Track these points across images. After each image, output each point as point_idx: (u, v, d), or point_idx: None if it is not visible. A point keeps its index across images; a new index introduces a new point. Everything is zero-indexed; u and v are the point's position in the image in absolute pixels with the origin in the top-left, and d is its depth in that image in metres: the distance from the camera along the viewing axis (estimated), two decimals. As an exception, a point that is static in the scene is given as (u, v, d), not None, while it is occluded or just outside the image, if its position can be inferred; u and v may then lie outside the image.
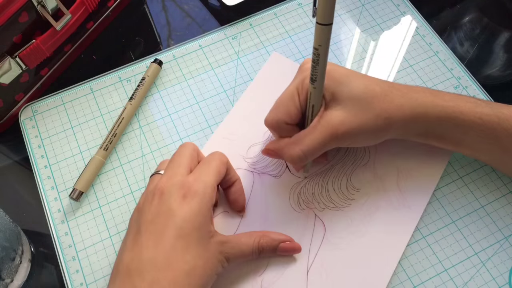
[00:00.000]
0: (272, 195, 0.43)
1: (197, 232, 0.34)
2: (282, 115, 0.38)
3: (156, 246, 0.33)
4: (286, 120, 0.38)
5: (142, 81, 0.48)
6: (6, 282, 0.39)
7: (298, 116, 0.38)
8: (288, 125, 0.38)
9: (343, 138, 0.37)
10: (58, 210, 0.43)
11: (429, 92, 0.38)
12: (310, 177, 0.43)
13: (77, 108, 0.48)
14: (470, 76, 0.48)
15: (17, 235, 0.40)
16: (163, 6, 0.55)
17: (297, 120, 0.38)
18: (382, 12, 0.53)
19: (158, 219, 0.34)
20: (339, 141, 0.38)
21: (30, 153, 0.46)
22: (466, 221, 0.42)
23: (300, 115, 0.38)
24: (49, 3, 0.42)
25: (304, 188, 0.43)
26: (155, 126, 0.47)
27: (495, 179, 0.44)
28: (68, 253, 0.42)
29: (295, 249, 0.40)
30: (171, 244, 0.33)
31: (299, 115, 0.38)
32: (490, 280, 0.40)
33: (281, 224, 0.41)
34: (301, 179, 0.43)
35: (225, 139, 0.45)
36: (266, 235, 0.39)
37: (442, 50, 0.50)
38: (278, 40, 0.51)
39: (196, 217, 0.34)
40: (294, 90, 0.38)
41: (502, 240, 0.41)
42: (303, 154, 0.37)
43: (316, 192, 0.43)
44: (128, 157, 0.46)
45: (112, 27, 0.54)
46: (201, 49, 0.51)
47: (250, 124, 0.46)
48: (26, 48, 0.42)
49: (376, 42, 0.51)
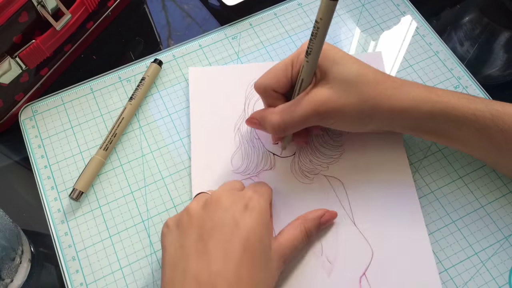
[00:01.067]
0: (279, 183, 0.43)
1: (260, 244, 0.34)
2: (271, 81, 0.38)
3: (224, 259, 0.33)
4: (274, 88, 0.38)
5: (142, 81, 0.48)
6: (6, 282, 0.39)
7: (287, 86, 0.39)
8: (275, 93, 0.39)
9: (325, 116, 0.37)
10: (58, 210, 0.43)
11: (423, 87, 0.38)
12: (299, 149, 0.45)
13: (77, 108, 0.48)
14: (470, 76, 0.48)
15: (17, 235, 0.40)
16: (163, 6, 0.55)
17: (285, 90, 0.39)
18: (382, 12, 0.53)
19: (222, 228, 0.34)
20: (321, 118, 0.38)
21: (30, 153, 0.46)
22: (466, 221, 0.42)
23: (289, 86, 0.39)
24: (49, 3, 0.42)
25: (300, 161, 0.44)
26: (155, 126, 0.47)
27: (495, 179, 0.44)
28: (68, 253, 0.42)
29: (333, 216, 0.41)
30: (239, 258, 0.33)
31: (288, 86, 0.39)
32: (490, 280, 0.40)
33: (303, 200, 0.42)
34: (291, 155, 0.44)
35: (206, 168, 0.44)
36: (306, 218, 0.39)
37: (442, 50, 0.50)
38: (278, 40, 0.51)
39: (259, 229, 0.34)
40: (289, 61, 0.38)
41: (502, 240, 0.41)
42: (283, 124, 0.38)
43: (311, 158, 0.44)
44: (128, 157, 0.46)
45: (112, 27, 0.54)
46: (201, 49, 0.51)
47: (217, 138, 0.45)
48: (26, 48, 0.42)
49: (376, 42, 0.51)
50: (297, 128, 0.39)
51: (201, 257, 0.33)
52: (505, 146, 0.37)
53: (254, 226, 0.34)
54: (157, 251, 0.41)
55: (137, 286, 0.40)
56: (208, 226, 0.34)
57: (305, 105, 0.37)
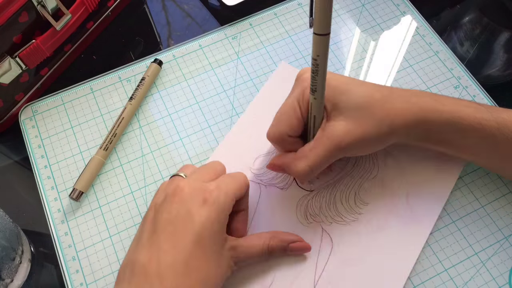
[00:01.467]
0: (278, 208, 0.42)
1: (213, 239, 0.34)
2: (284, 127, 0.37)
3: (174, 250, 0.33)
4: (289, 133, 0.38)
5: (142, 81, 0.48)
6: (6, 282, 0.39)
7: (300, 128, 0.38)
8: (291, 138, 0.38)
9: (348, 148, 0.37)
10: (58, 210, 0.43)
11: (429, 97, 0.38)
12: (318, 190, 0.43)
13: (77, 108, 0.48)
14: (470, 76, 0.48)
15: (17, 235, 0.40)
16: (163, 6, 0.55)
17: (300, 132, 0.38)
18: (382, 12, 0.53)
19: (176, 221, 0.34)
20: (344, 151, 0.37)
21: (30, 153, 0.46)
22: (466, 221, 0.42)
23: (303, 127, 0.38)
24: (49, 3, 0.42)
25: (312, 201, 0.42)
26: (155, 126, 0.47)
27: (495, 179, 0.44)
28: (68, 253, 0.42)
29: (305, 248, 0.40)
30: (190, 251, 0.33)
31: (301, 127, 0.38)
32: (490, 280, 0.40)
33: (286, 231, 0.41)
34: (308, 192, 0.43)
35: (232, 149, 0.45)
36: (275, 236, 0.39)
37: (442, 50, 0.50)
38: (278, 40, 0.51)
39: (213, 224, 0.34)
40: (295, 101, 0.37)
41: (502, 240, 0.41)
42: (310, 169, 0.37)
43: (323, 205, 0.42)
44: (128, 157, 0.46)
45: (112, 27, 0.54)
46: (201, 49, 0.51)
47: (258, 134, 0.45)
48: (26, 48, 0.42)
49: (376, 42, 0.51)
50: (323, 168, 0.38)
51: (152, 249, 0.33)
52: (511, 154, 0.37)
53: (208, 220, 0.34)
54: (157, 251, 0.41)
55: (137, 286, 0.40)
56: (163, 219, 0.34)
57: (327, 143, 0.36)
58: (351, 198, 0.42)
